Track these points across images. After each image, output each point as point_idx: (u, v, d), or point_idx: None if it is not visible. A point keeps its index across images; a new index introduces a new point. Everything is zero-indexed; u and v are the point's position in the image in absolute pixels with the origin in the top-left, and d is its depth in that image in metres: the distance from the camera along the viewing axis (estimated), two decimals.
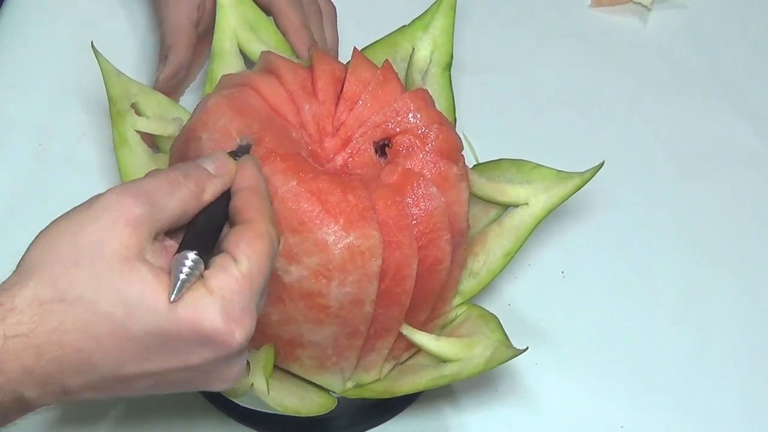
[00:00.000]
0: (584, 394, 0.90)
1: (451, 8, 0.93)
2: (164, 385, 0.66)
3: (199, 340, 0.63)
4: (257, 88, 0.81)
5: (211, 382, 0.67)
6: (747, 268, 0.97)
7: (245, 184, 0.69)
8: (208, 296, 0.63)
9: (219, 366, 0.65)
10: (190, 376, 0.65)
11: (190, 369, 0.65)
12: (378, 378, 0.84)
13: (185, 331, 0.63)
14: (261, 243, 0.65)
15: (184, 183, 0.66)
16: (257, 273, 0.65)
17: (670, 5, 1.12)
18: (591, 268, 0.96)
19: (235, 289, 0.64)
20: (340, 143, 0.82)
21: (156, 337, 0.63)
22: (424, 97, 0.83)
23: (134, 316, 0.62)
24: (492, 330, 0.83)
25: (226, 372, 0.66)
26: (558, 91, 1.05)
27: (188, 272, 0.63)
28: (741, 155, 1.03)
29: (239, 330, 0.64)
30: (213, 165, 0.69)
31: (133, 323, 0.62)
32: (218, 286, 0.63)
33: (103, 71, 0.89)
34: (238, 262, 0.64)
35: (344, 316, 0.78)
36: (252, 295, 0.64)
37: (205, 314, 0.63)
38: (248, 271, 0.64)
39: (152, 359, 0.63)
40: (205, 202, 0.67)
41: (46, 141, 0.98)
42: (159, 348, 0.63)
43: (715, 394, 0.90)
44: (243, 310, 0.64)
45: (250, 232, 0.66)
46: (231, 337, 0.63)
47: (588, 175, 0.87)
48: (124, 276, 0.62)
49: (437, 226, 0.79)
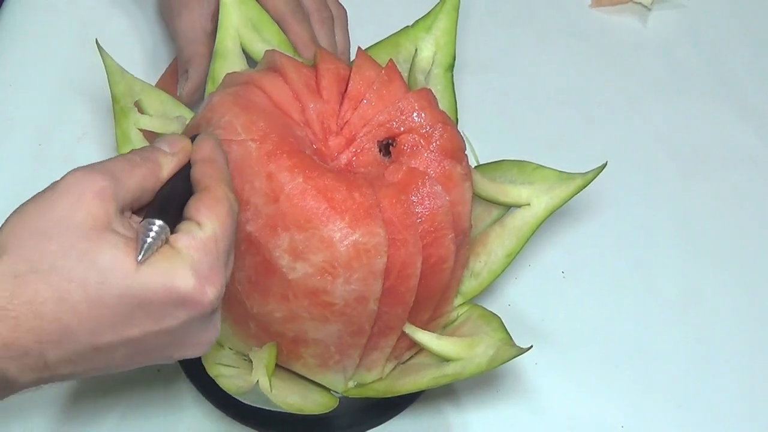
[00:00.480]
0: (584, 394, 0.90)
1: (454, 9, 0.93)
2: (142, 354, 0.67)
3: (172, 300, 0.64)
4: (262, 86, 0.81)
5: (186, 347, 0.68)
6: (747, 268, 0.97)
7: (201, 156, 0.71)
8: (176, 256, 0.65)
9: (194, 328, 0.66)
10: (166, 341, 0.66)
11: (166, 332, 0.66)
12: (380, 377, 0.84)
13: (158, 292, 0.64)
14: (220, 207, 0.67)
15: (141, 162, 0.68)
16: (221, 234, 0.66)
17: (670, 5, 1.12)
18: (591, 268, 0.96)
19: (202, 249, 0.65)
20: (345, 142, 0.82)
21: (130, 300, 0.64)
22: (428, 97, 0.83)
23: (106, 281, 0.63)
24: (494, 329, 0.83)
25: (201, 335, 0.67)
26: (558, 91, 1.06)
27: (154, 236, 0.65)
28: (741, 155, 1.03)
29: (210, 287, 0.65)
30: (167, 145, 0.71)
31: (106, 288, 0.63)
32: (185, 246, 0.65)
33: (107, 69, 0.89)
34: (201, 225, 0.66)
35: (349, 314, 0.78)
36: (219, 256, 0.66)
37: (176, 274, 0.64)
38: (212, 232, 0.66)
39: (128, 324, 0.64)
40: (164, 179, 0.69)
41: (46, 141, 0.98)
42: (133, 312, 0.64)
43: (715, 394, 0.90)
44: (211, 268, 0.65)
45: (208, 199, 0.68)
46: (203, 295, 0.65)
47: (590, 176, 0.87)
48: (93, 243, 0.64)
49: (441, 225, 0.79)
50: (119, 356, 0.66)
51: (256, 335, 0.81)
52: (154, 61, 1.02)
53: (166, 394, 0.87)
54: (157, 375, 0.87)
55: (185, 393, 0.87)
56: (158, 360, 0.68)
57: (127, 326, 0.65)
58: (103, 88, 0.91)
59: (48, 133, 0.98)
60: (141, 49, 1.03)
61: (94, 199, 0.65)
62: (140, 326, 0.65)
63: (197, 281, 0.65)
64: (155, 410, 0.86)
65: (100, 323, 0.64)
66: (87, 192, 0.65)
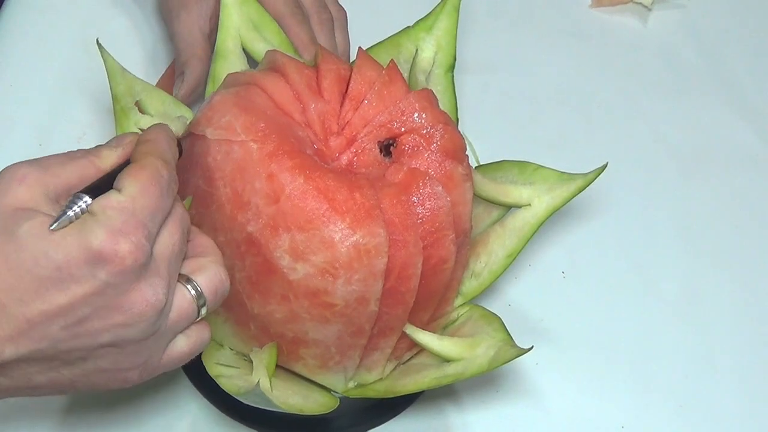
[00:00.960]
0: (585, 394, 0.90)
1: (455, 10, 0.93)
2: (78, 326, 0.66)
3: (88, 257, 0.65)
4: (263, 87, 0.81)
5: (124, 309, 0.67)
6: (747, 268, 0.97)
7: (143, 139, 0.72)
8: (90, 219, 0.66)
9: (121, 288, 0.66)
10: (99, 306, 0.66)
11: (93, 295, 0.65)
12: (380, 378, 0.84)
13: (72, 251, 0.65)
14: (142, 172, 0.68)
15: (81, 155, 0.70)
16: (139, 193, 0.67)
17: (670, 5, 1.12)
18: (591, 269, 0.96)
19: (116, 208, 0.66)
20: (345, 142, 0.82)
21: (47, 263, 0.65)
22: (429, 97, 0.83)
23: (22, 248, 0.65)
24: (495, 330, 0.83)
25: (133, 295, 0.66)
26: (558, 91, 1.06)
27: (75, 208, 0.66)
28: (741, 155, 1.03)
29: (123, 240, 0.65)
30: (115, 140, 0.72)
31: (23, 254, 0.65)
32: (100, 208, 0.66)
33: (108, 68, 0.88)
34: (120, 190, 0.67)
35: (349, 315, 0.78)
36: (135, 212, 0.66)
37: (89, 233, 0.65)
38: (129, 193, 0.67)
39: (52, 289, 0.65)
40: (105, 169, 0.70)
41: (46, 141, 0.98)
42: (53, 276, 0.65)
43: (715, 394, 0.90)
44: (125, 222, 0.65)
45: (133, 168, 0.68)
46: (116, 245, 0.65)
47: (591, 176, 0.87)
48: (15, 218, 0.66)
49: (442, 226, 0.79)
50: (60, 332, 0.66)
51: (257, 336, 0.81)
52: (154, 61, 1.02)
53: (166, 394, 0.87)
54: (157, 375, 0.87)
55: (185, 393, 0.87)
56: (102, 335, 0.67)
57: (52, 291, 0.65)
58: (103, 88, 0.91)
59: (48, 133, 0.98)
60: (141, 49, 1.03)
61: (21, 185, 0.67)
62: (65, 291, 0.65)
63: (109, 235, 0.65)
64: (155, 410, 0.86)
65: (26, 290, 0.65)
66: (14, 180, 0.67)
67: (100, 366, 0.68)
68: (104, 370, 0.69)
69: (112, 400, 0.86)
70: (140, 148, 0.71)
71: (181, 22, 0.96)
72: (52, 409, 0.85)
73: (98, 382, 0.70)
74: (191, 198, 0.80)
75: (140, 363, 0.69)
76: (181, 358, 0.71)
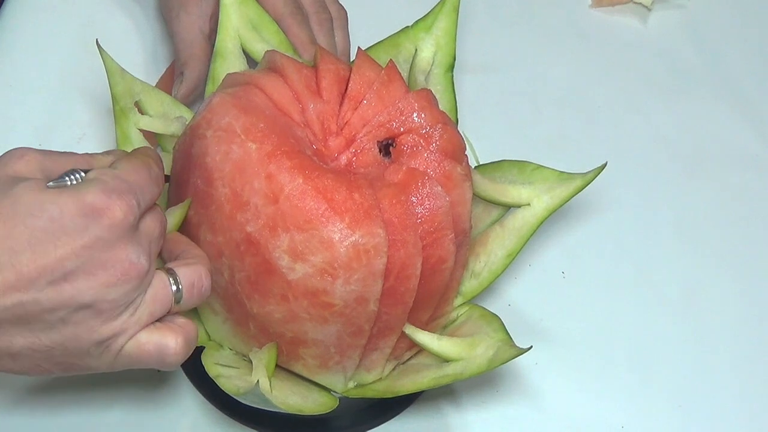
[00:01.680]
0: (584, 394, 0.90)
1: (455, 10, 0.93)
2: (63, 281, 0.67)
3: (81, 210, 0.67)
4: (262, 87, 0.81)
5: (107, 266, 0.68)
6: (748, 268, 0.97)
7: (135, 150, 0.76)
8: (86, 181, 0.69)
9: (109, 244, 0.68)
10: (86, 261, 0.67)
11: (84, 249, 0.67)
12: (380, 378, 0.84)
13: (67, 205, 0.67)
14: (134, 157, 0.73)
15: (78, 154, 0.74)
16: (132, 170, 0.71)
17: (670, 5, 1.12)
18: (591, 269, 0.96)
19: (110, 174, 0.70)
20: (345, 142, 0.82)
21: (41, 214, 0.67)
22: (428, 97, 0.83)
23: (18, 200, 0.67)
24: (494, 330, 0.83)
25: (119, 253, 0.68)
26: (557, 91, 1.06)
27: (73, 177, 0.70)
28: (741, 155, 1.03)
29: (117, 197, 0.68)
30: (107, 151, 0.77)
31: (19, 206, 0.67)
32: (95, 175, 0.70)
33: (107, 69, 0.88)
34: (113, 166, 0.72)
35: (348, 315, 0.78)
36: (128, 182, 0.70)
37: (85, 190, 0.68)
38: (123, 168, 0.71)
39: (44, 241, 0.67)
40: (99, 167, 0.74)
41: (46, 141, 0.98)
42: (46, 227, 0.67)
43: (715, 394, 0.90)
44: (119, 186, 0.69)
45: (126, 155, 0.74)
46: (110, 202, 0.68)
47: (590, 176, 0.87)
48: (13, 183, 0.69)
49: (441, 225, 0.79)
50: (46, 286, 0.67)
51: (256, 336, 0.81)
52: (154, 61, 1.02)
53: (166, 394, 0.87)
54: (157, 375, 0.87)
55: (185, 393, 0.87)
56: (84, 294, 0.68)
57: (44, 243, 0.67)
58: (103, 89, 0.91)
59: (48, 133, 0.98)
60: (141, 49, 1.03)
61: (20, 161, 0.70)
62: (56, 242, 0.67)
63: (103, 192, 0.68)
64: (155, 410, 0.86)
65: (18, 240, 0.66)
66: (14, 157, 0.71)
67: (77, 333, 0.69)
68: (80, 339, 0.69)
69: (112, 399, 0.86)
70: (132, 151, 0.75)
71: (180, 22, 0.96)
72: (52, 408, 0.85)
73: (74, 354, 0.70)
74: (190, 200, 0.80)
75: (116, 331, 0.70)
76: (150, 356, 0.72)
